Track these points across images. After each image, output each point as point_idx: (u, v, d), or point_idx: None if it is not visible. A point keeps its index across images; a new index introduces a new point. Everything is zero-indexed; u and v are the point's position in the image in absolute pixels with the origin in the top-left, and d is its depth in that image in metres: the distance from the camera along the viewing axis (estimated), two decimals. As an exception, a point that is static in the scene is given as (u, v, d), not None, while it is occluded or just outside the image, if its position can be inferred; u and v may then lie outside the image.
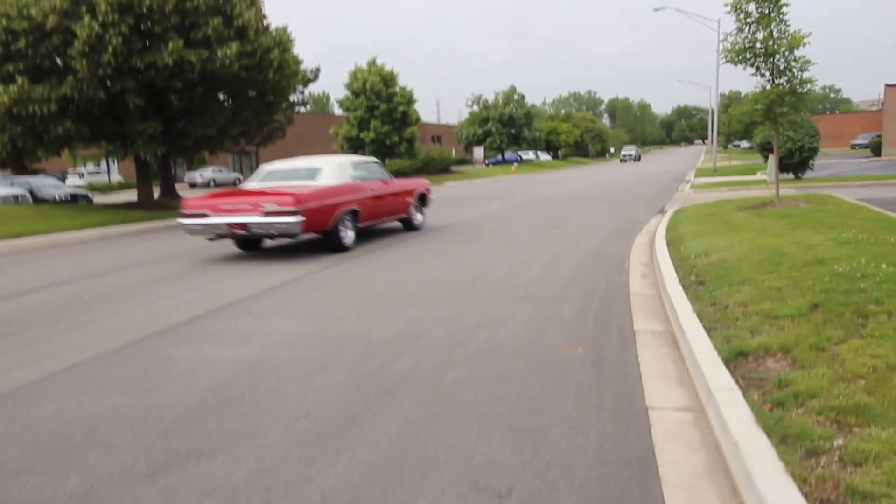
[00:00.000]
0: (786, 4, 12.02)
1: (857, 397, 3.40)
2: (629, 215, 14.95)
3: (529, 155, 68.45)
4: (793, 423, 3.24)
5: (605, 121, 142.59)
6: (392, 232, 13.22)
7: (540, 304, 6.57)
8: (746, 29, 12.17)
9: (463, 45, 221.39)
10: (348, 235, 10.88)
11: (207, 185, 40.93)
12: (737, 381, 3.90)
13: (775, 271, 6.33)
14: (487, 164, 61.00)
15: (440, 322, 6.00)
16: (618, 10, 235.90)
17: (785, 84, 12.17)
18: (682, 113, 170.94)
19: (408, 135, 38.09)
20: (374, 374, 4.62)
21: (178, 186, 25.92)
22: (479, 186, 34.41)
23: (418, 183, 14.01)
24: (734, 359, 4.32)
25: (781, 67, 12.04)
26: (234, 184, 40.67)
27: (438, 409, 3.94)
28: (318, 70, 24.09)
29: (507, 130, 61.44)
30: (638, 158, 75.42)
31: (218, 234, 10.56)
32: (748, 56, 12.14)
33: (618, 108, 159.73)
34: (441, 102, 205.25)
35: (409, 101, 38.50)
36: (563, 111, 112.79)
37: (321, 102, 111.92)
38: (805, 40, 12.08)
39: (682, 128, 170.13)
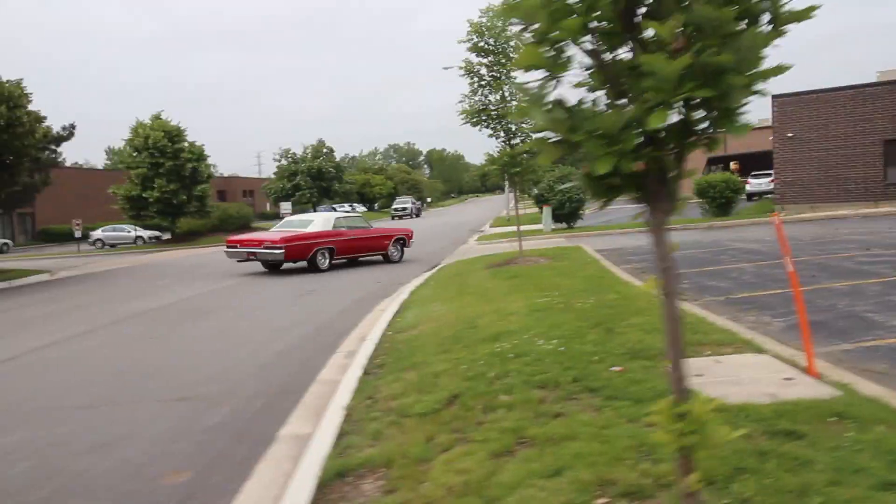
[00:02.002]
0: (514, 69, 12.50)
1: (401, 542, 2.88)
2: (397, 275, 14.59)
3: (346, 207, 67.77)
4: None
5: (426, 171, 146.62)
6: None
7: (196, 407, 5.66)
8: (480, 91, 12.48)
9: (288, 99, 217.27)
10: (324, 263, 16.36)
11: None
12: (312, 519, 3.27)
13: (451, 350, 5.99)
14: None
15: (49, 444, 4.88)
16: (435, 66, 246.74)
17: (519, 144, 12.55)
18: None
19: (198, 192, 35.71)
20: None
21: None
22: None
23: (398, 231, 18.94)
24: (333, 480, 3.71)
25: (514, 129, 12.41)
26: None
27: None
28: (71, 127, 21.72)
29: (317, 184, 60.47)
30: (416, 213, 61.98)
31: (241, 259, 16.67)
32: (483, 118, 12.41)
33: (434, 159, 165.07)
34: (263, 156, 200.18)
35: (200, 157, 36.20)
36: (381, 162, 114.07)
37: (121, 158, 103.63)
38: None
39: (496, 177, 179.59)
